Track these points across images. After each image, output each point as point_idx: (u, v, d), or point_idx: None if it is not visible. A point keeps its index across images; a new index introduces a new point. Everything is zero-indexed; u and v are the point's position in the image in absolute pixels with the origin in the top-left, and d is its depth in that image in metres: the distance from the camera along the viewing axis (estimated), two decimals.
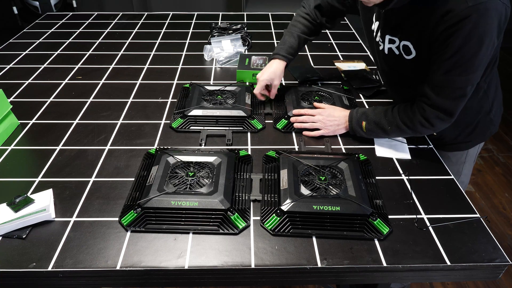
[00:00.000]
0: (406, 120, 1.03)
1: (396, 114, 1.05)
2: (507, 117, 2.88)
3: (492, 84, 1.09)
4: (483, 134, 1.18)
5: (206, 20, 2.07)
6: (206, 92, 1.30)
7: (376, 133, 1.09)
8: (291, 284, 0.88)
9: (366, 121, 1.09)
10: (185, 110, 1.20)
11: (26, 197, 0.87)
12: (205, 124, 1.19)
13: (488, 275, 0.82)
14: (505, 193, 2.23)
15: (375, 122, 1.08)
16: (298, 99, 1.26)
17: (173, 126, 1.17)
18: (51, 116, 1.24)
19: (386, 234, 0.83)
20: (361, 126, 1.10)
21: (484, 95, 1.08)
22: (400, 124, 1.04)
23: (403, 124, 1.03)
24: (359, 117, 1.10)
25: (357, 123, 1.10)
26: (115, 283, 0.80)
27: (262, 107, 1.28)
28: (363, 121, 1.09)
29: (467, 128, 1.15)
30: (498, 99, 1.15)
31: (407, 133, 1.05)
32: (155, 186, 0.89)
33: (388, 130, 1.06)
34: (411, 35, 0.97)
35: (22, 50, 1.70)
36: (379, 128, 1.07)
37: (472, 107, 1.09)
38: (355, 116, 1.11)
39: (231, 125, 1.18)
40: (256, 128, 1.17)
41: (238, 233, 0.84)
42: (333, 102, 1.24)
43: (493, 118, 1.15)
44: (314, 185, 0.91)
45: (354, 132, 1.12)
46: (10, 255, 0.78)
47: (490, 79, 1.07)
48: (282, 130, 1.17)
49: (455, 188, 0.97)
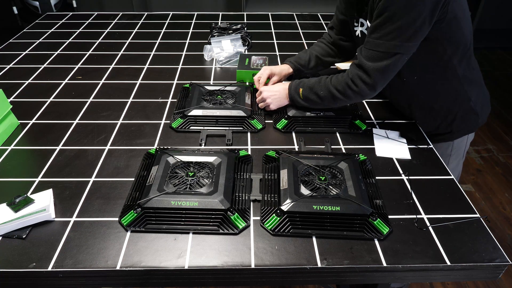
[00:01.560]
0: (336, 83, 1.07)
1: (329, 80, 1.10)
2: (507, 117, 2.88)
3: (467, 71, 1.09)
4: (466, 124, 1.18)
5: (206, 20, 2.07)
6: (206, 92, 1.30)
7: (311, 100, 1.13)
8: (291, 284, 0.88)
9: (302, 88, 1.14)
10: (185, 110, 1.20)
11: (26, 197, 0.87)
12: (205, 124, 1.19)
13: (488, 275, 0.82)
14: (505, 193, 2.23)
15: (309, 88, 1.12)
16: None
17: (173, 126, 1.17)
18: (51, 116, 1.24)
19: (386, 234, 0.83)
20: (298, 93, 1.15)
21: (457, 81, 1.09)
22: (331, 88, 1.08)
23: (334, 88, 1.07)
24: (297, 84, 1.16)
25: (295, 90, 1.16)
26: (115, 283, 0.80)
27: None
28: (300, 88, 1.14)
29: (447, 116, 1.15)
30: (478, 88, 1.15)
31: (337, 98, 1.08)
32: (155, 186, 0.89)
33: (321, 95, 1.10)
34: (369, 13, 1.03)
35: (22, 50, 1.70)
36: (313, 94, 1.12)
37: (444, 92, 1.11)
38: (294, 84, 1.17)
39: (231, 125, 1.18)
40: (256, 128, 1.17)
41: (238, 233, 0.84)
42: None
43: (474, 107, 1.15)
44: (314, 185, 0.91)
45: (293, 101, 1.18)
46: (10, 255, 0.78)
47: (466, 65, 1.08)
48: (282, 130, 1.17)
49: (455, 188, 0.97)
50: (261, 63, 1.49)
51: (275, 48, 1.75)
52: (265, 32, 1.94)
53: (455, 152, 1.24)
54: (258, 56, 1.54)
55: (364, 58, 1.01)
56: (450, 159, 1.24)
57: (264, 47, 1.77)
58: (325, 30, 1.94)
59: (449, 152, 1.23)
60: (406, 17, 0.91)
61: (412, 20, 0.91)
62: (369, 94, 1.05)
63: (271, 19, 2.10)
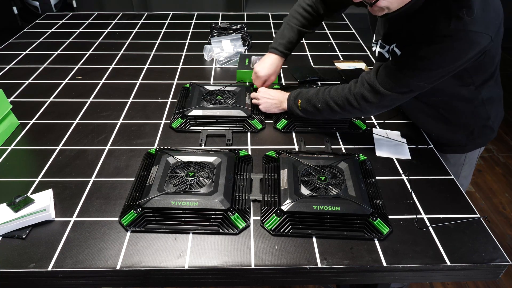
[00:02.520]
0: (335, 97, 1.05)
1: (327, 92, 1.07)
2: (507, 117, 2.88)
3: (490, 91, 1.05)
4: (481, 139, 1.16)
5: (206, 20, 2.07)
6: (206, 92, 1.30)
7: (310, 112, 1.11)
8: (291, 284, 0.88)
9: (301, 99, 1.12)
10: (185, 110, 1.20)
11: (26, 197, 0.87)
12: (205, 124, 1.19)
13: (488, 275, 0.82)
14: (505, 193, 2.23)
15: (308, 100, 1.10)
16: None
17: (173, 126, 1.17)
18: (51, 116, 1.24)
19: (386, 234, 0.83)
20: (297, 105, 1.13)
21: (479, 102, 1.06)
22: (329, 101, 1.05)
23: (332, 101, 1.05)
24: (296, 95, 1.14)
25: (294, 101, 1.14)
26: (115, 283, 0.80)
27: None
28: (299, 99, 1.12)
29: (464, 131, 1.13)
30: (497, 105, 1.12)
31: (336, 112, 1.06)
32: (155, 186, 0.89)
33: (319, 108, 1.08)
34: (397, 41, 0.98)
35: (22, 50, 1.70)
36: (312, 106, 1.09)
37: (466, 112, 1.08)
38: (293, 95, 1.15)
39: (231, 125, 1.18)
40: (256, 128, 1.17)
41: (238, 233, 0.84)
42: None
43: (492, 125, 1.13)
44: (314, 185, 0.91)
45: (292, 111, 1.16)
46: (10, 255, 0.78)
47: (489, 86, 1.04)
48: (282, 130, 1.17)
49: (455, 188, 0.97)
50: None
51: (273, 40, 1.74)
52: (265, 32, 1.94)
53: (468, 161, 1.22)
54: (258, 56, 1.54)
55: (379, 82, 0.97)
56: (463, 168, 1.23)
57: (264, 47, 1.76)
58: (325, 30, 1.94)
59: (462, 161, 1.22)
60: (443, 67, 0.88)
61: (446, 71, 0.89)
62: (370, 113, 1.03)
63: (271, 19, 2.10)
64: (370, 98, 0.99)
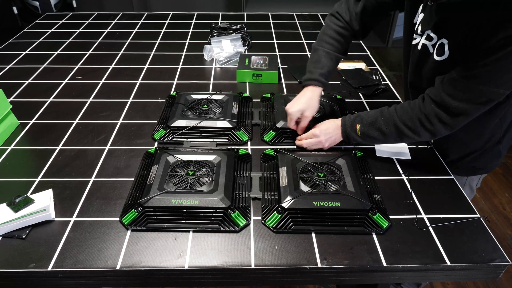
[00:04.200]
0: (405, 118, 0.93)
1: (393, 113, 0.95)
2: None
3: (508, 113, 1.01)
4: (486, 164, 1.13)
5: (206, 20, 2.07)
6: (192, 101, 1.24)
7: (371, 137, 0.98)
8: (291, 284, 0.88)
9: (360, 124, 0.99)
10: (168, 121, 1.14)
11: (26, 197, 0.87)
12: (188, 135, 1.12)
13: (488, 275, 0.82)
14: (505, 193, 2.23)
15: (370, 123, 0.97)
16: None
17: (155, 138, 1.11)
18: (51, 116, 1.24)
19: (386, 228, 0.83)
20: (355, 130, 1.00)
21: (498, 124, 1.02)
22: (398, 122, 0.93)
23: (401, 123, 0.93)
24: (353, 120, 1.01)
25: (351, 127, 1.00)
26: (115, 283, 0.80)
27: (250, 117, 1.22)
28: (357, 123, 1.00)
29: (474, 152, 1.09)
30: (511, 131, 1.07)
31: (406, 134, 0.94)
32: (155, 185, 0.89)
33: (385, 131, 0.95)
34: (453, 35, 0.88)
35: (22, 50, 1.70)
36: (376, 130, 0.97)
37: (484, 134, 1.04)
38: (348, 120, 1.02)
39: (216, 137, 1.12)
40: (242, 140, 1.11)
41: (239, 230, 0.84)
42: (324, 112, 1.20)
43: (501, 150, 1.09)
44: (313, 181, 0.92)
45: (348, 138, 1.02)
46: (10, 255, 0.78)
47: (508, 108, 0.98)
48: (270, 142, 1.11)
49: (455, 188, 0.97)
50: (261, 63, 1.49)
51: (275, 48, 1.75)
52: (265, 32, 1.94)
53: (468, 186, 1.18)
54: (258, 56, 1.54)
55: (448, 96, 0.86)
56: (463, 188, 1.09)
57: (264, 47, 1.77)
58: None
59: (463, 182, 1.17)
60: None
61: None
62: (443, 135, 0.92)
63: (271, 19, 2.10)
64: (444, 117, 0.88)
